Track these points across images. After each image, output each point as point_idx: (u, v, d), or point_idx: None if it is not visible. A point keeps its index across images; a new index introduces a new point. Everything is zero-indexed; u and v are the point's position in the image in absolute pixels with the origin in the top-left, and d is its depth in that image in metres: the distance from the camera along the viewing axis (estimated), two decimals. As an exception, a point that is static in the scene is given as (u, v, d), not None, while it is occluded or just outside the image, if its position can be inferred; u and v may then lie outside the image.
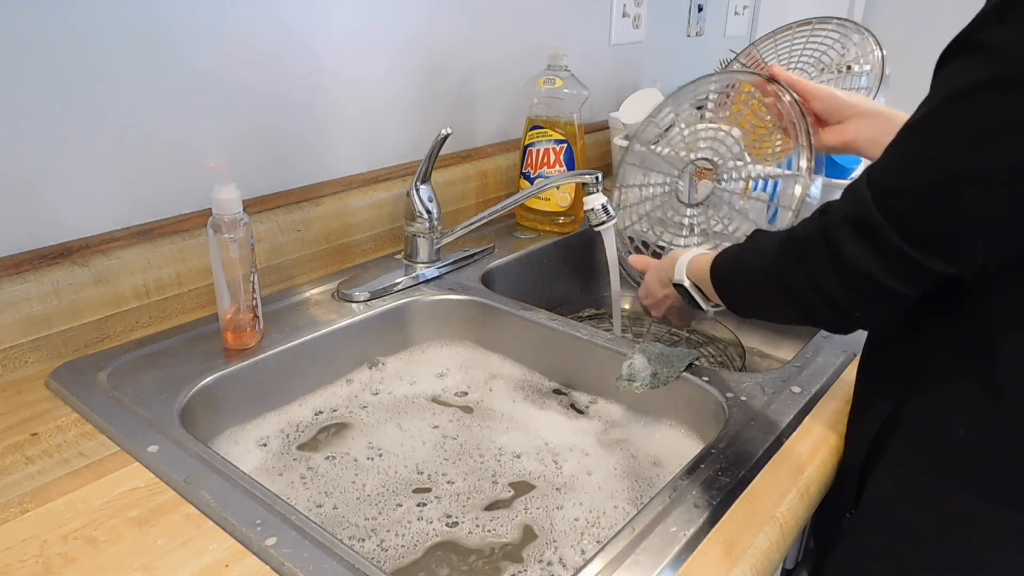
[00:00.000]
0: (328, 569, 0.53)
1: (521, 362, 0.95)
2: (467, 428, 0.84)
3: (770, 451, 0.67)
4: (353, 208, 1.05)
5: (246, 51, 0.90)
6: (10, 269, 0.75)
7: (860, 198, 0.54)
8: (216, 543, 0.55)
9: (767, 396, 0.75)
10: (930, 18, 2.49)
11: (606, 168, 1.43)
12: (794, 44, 1.23)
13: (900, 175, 0.52)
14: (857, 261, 0.54)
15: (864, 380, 0.70)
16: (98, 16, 0.76)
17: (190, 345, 0.82)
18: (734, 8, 1.90)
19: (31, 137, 0.75)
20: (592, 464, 0.78)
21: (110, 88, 0.79)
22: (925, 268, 0.52)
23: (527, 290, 1.12)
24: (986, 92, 0.47)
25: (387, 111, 1.10)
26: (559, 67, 1.16)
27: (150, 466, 0.63)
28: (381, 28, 1.05)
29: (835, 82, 1.18)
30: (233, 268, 0.77)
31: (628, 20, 1.53)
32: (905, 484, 0.61)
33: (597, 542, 0.68)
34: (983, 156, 0.48)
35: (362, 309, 0.93)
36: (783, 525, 0.60)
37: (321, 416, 0.84)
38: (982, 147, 0.47)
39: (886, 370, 0.65)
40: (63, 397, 0.72)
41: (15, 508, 0.58)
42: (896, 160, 0.53)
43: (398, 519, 0.71)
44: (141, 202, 0.85)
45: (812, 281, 0.58)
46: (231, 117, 0.91)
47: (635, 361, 0.81)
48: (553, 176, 1.12)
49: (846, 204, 0.56)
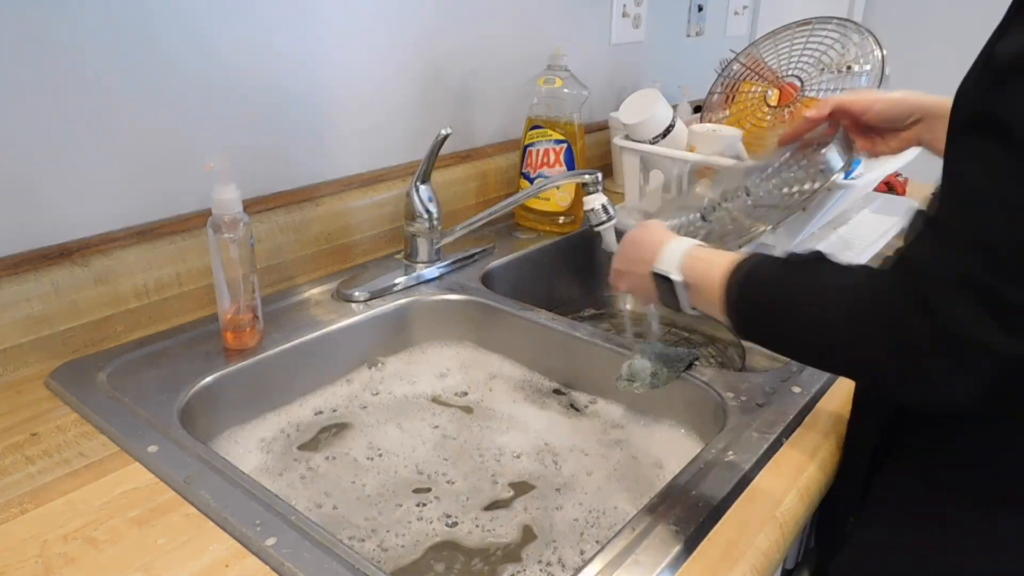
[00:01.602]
0: (328, 569, 0.53)
1: (521, 362, 0.95)
2: (467, 428, 0.84)
3: (770, 451, 0.67)
4: (353, 208, 1.05)
5: (246, 51, 0.90)
6: (10, 269, 0.75)
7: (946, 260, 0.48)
8: (216, 543, 0.55)
9: (767, 396, 0.75)
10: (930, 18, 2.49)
11: (606, 168, 1.43)
12: (794, 44, 1.23)
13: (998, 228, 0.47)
14: (968, 325, 0.47)
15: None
16: (99, 16, 0.76)
17: (190, 345, 0.82)
18: (734, 8, 1.90)
19: (31, 137, 0.75)
20: (592, 464, 0.78)
21: (111, 88, 0.79)
22: None
23: (527, 290, 1.12)
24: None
25: (387, 111, 1.10)
26: (559, 67, 1.16)
27: (150, 466, 0.63)
28: (381, 28, 1.05)
29: (834, 82, 1.18)
30: (233, 268, 0.77)
31: (628, 20, 1.53)
32: (908, 489, 0.61)
33: (597, 542, 0.68)
34: None
35: (362, 309, 0.93)
36: (783, 525, 0.60)
37: (321, 416, 0.84)
38: None
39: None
40: (63, 397, 0.72)
41: (15, 508, 0.58)
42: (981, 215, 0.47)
43: (398, 519, 0.71)
44: (141, 202, 0.85)
45: (902, 353, 0.50)
46: (231, 117, 0.91)
47: (635, 361, 0.81)
48: (553, 176, 1.12)
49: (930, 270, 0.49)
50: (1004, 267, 0.46)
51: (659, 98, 1.14)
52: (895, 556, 0.61)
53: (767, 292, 0.59)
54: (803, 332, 0.57)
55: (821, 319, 0.54)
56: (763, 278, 0.59)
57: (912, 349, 0.49)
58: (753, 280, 0.59)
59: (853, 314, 0.52)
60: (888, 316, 0.50)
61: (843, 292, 0.54)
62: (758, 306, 0.59)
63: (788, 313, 0.57)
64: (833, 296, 0.54)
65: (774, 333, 0.60)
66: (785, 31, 1.24)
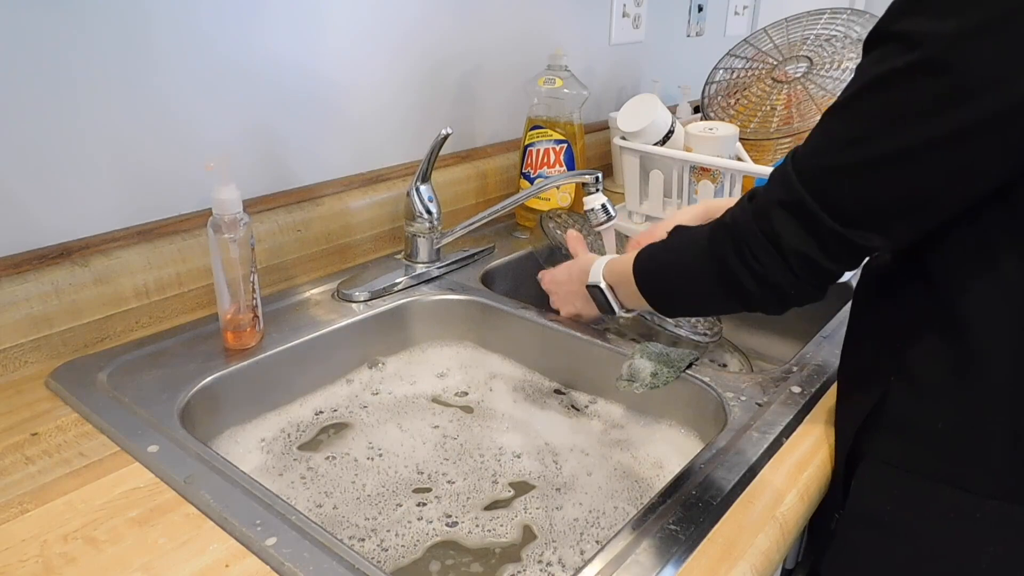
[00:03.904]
0: (328, 569, 0.53)
1: (521, 362, 0.95)
2: (467, 428, 0.84)
3: (770, 451, 0.67)
4: (353, 208, 1.05)
5: (247, 51, 0.90)
6: (10, 269, 0.75)
7: (788, 181, 0.56)
8: (216, 543, 0.55)
9: (767, 396, 0.75)
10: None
11: (606, 168, 1.43)
12: (806, 28, 1.24)
13: (826, 157, 0.55)
14: (794, 244, 0.56)
15: (844, 376, 0.71)
16: (99, 17, 0.76)
17: (190, 345, 0.82)
18: (734, 8, 1.90)
19: (31, 137, 0.75)
20: (592, 464, 0.78)
21: (111, 88, 0.79)
22: (857, 245, 0.55)
23: (527, 290, 1.12)
24: (904, 76, 0.50)
25: (387, 111, 1.10)
26: (559, 67, 1.16)
27: (150, 466, 0.63)
28: (381, 28, 1.05)
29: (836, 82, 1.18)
30: (233, 268, 0.77)
31: (628, 20, 1.53)
32: (889, 481, 0.62)
33: (596, 542, 0.68)
34: (902, 135, 0.50)
35: (362, 309, 0.93)
36: (783, 525, 0.60)
37: (321, 416, 0.84)
38: (901, 127, 0.50)
39: (864, 363, 0.66)
40: (63, 397, 0.72)
41: (15, 508, 0.58)
42: (821, 143, 0.56)
43: (398, 519, 0.71)
44: (141, 202, 0.85)
45: (750, 267, 0.60)
46: (231, 117, 0.91)
47: (635, 361, 0.81)
48: (553, 176, 1.12)
49: (776, 188, 0.58)
50: (819, 191, 0.55)
51: (658, 104, 1.14)
52: (879, 551, 0.62)
53: (654, 261, 0.71)
54: (682, 277, 0.68)
55: (691, 259, 0.66)
56: (651, 252, 0.72)
57: (761, 264, 0.59)
58: (645, 256, 0.72)
59: (712, 241, 0.63)
60: (736, 236, 0.60)
61: (702, 231, 0.65)
62: (652, 276, 0.72)
63: (669, 268, 0.70)
64: (695, 238, 0.66)
65: (669, 292, 0.71)
66: (796, 19, 1.25)
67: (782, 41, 1.26)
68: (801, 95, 1.19)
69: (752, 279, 0.60)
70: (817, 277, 0.58)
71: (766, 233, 0.58)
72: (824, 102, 1.16)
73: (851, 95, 0.54)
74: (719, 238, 0.63)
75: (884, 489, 0.62)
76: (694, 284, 0.67)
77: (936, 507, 0.59)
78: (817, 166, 0.55)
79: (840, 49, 1.20)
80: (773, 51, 1.26)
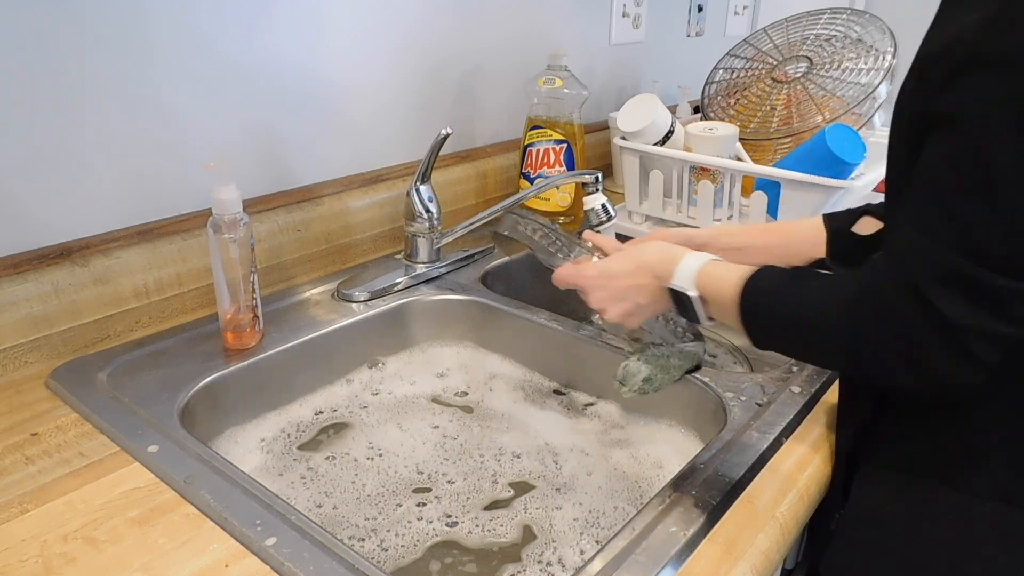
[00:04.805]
0: (328, 569, 0.53)
1: (521, 362, 0.95)
2: (467, 428, 0.84)
3: (770, 451, 0.67)
4: (353, 208, 1.05)
5: (247, 51, 0.90)
6: (10, 269, 0.75)
7: (928, 256, 0.50)
8: (216, 543, 0.55)
9: (767, 396, 0.75)
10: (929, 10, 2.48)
11: (606, 168, 1.43)
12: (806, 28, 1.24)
13: (969, 216, 0.49)
14: (962, 316, 0.49)
15: (845, 377, 0.70)
16: (99, 17, 0.76)
17: (190, 345, 0.82)
18: (734, 8, 1.90)
19: (31, 137, 0.75)
20: (592, 464, 0.78)
21: (111, 88, 0.79)
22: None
23: (527, 290, 1.12)
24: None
25: (387, 111, 1.10)
26: (559, 67, 1.16)
27: (150, 466, 0.63)
28: (381, 28, 1.05)
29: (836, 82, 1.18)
30: (233, 268, 0.77)
31: (628, 20, 1.53)
32: (889, 482, 0.62)
33: (596, 542, 0.68)
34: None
35: (362, 309, 0.93)
36: (783, 525, 0.60)
37: (321, 416, 0.84)
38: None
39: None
40: (63, 397, 0.72)
41: (15, 508, 0.58)
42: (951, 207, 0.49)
43: (398, 519, 0.71)
44: (141, 202, 0.85)
45: (903, 346, 0.52)
46: (231, 117, 0.91)
47: (631, 364, 0.79)
48: (553, 176, 1.12)
49: (916, 267, 0.51)
50: (982, 254, 0.48)
51: (657, 104, 1.14)
52: (879, 551, 0.62)
53: (773, 305, 0.60)
54: (806, 333, 0.58)
55: (821, 320, 0.56)
56: (766, 288, 0.61)
57: (910, 340, 0.51)
58: (759, 290, 0.61)
59: (850, 311, 0.54)
60: (883, 309, 0.52)
61: (840, 291, 0.56)
62: (764, 314, 0.61)
63: (794, 323, 0.59)
64: (830, 296, 0.56)
65: (782, 338, 0.61)
66: (796, 19, 1.26)
67: (782, 41, 1.27)
68: (801, 95, 1.19)
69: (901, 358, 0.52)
70: (991, 348, 0.50)
71: (927, 309, 0.50)
72: (824, 102, 1.16)
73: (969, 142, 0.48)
74: (866, 311, 0.54)
75: (884, 490, 0.62)
76: (822, 348, 0.59)
77: (935, 509, 0.59)
78: (962, 228, 0.49)
79: (840, 49, 1.20)
80: (773, 51, 1.26)
